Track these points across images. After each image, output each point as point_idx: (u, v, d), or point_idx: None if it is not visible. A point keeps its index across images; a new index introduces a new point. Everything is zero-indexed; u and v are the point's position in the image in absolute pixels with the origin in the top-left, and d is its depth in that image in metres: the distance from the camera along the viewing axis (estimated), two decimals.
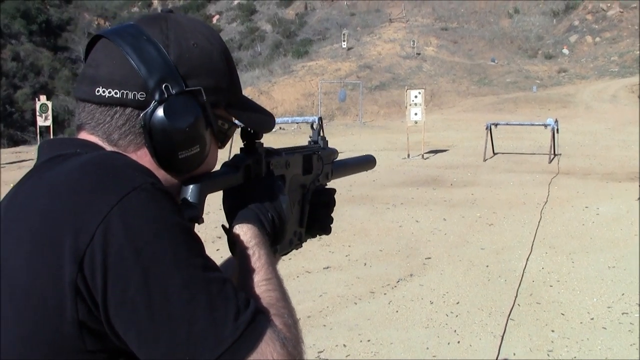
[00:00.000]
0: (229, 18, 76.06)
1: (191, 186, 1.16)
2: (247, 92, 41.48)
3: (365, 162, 1.92)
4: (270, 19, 69.23)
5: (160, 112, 1.09)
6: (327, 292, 7.16)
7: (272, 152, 1.38)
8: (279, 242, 1.31)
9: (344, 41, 47.30)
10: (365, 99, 37.14)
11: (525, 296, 6.72)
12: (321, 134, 1.65)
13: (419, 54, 45.32)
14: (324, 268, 8.11)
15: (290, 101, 40.72)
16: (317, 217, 1.55)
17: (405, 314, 6.37)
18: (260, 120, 1.30)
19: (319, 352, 5.54)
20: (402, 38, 48.14)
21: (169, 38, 1.14)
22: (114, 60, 1.12)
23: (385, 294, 7.04)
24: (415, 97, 18.27)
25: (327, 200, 1.56)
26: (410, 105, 18.35)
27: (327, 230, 1.59)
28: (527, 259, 8.03)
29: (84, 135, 1.16)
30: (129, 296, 0.93)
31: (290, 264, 8.26)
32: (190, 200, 1.16)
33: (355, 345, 5.65)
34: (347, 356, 5.45)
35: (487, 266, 7.79)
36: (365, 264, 8.20)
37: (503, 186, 13.27)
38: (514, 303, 6.50)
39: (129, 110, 1.12)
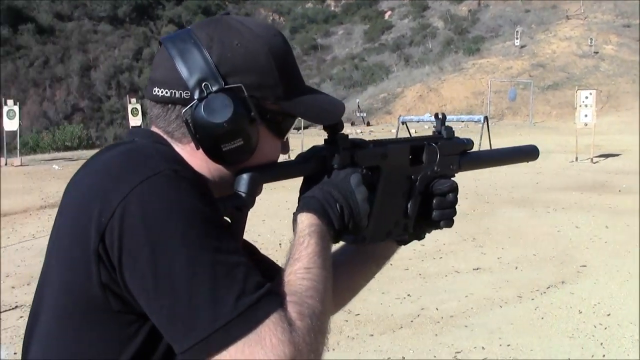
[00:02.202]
0: (401, 14, 76.01)
1: (241, 175, 1.23)
2: (416, 89, 41.34)
3: (520, 154, 1.87)
4: (442, 15, 68.55)
5: (200, 108, 1.18)
6: (474, 293, 7.07)
7: (357, 144, 1.39)
8: (356, 232, 1.33)
9: (517, 38, 45.98)
10: (536, 99, 36.10)
11: None
12: (445, 124, 1.62)
13: (596, 52, 43.37)
14: (473, 269, 8.01)
15: (460, 99, 40.20)
16: (434, 208, 1.54)
17: (551, 322, 6.18)
18: (316, 112, 1.34)
19: (456, 352, 5.48)
20: (579, 36, 46.14)
21: (213, 40, 1.24)
22: (166, 63, 1.24)
23: (532, 299, 6.85)
24: (586, 98, 17.60)
25: (444, 191, 1.53)
26: (580, 106, 17.69)
27: (448, 223, 1.55)
28: None
29: (153, 127, 1.30)
30: (138, 268, 1.05)
31: (440, 263, 8.23)
32: (239, 189, 1.22)
33: (494, 349, 5.55)
34: (484, 359, 5.35)
35: None
36: (516, 268, 8.02)
37: None
38: None
39: (178, 107, 1.24)
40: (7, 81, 66.75)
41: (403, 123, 22.27)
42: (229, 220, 1.23)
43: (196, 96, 1.20)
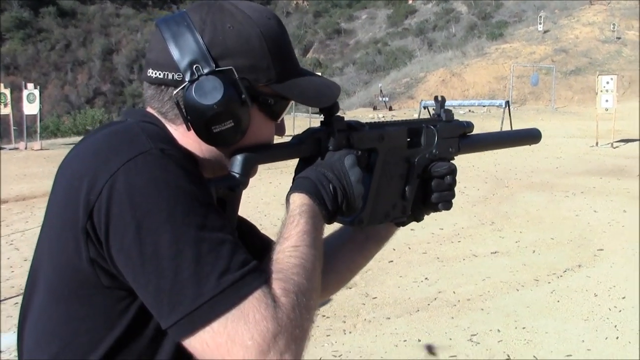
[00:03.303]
0: None
1: (236, 156, 1.26)
2: (439, 73, 41.17)
3: (521, 137, 1.87)
4: (466, 0, 68.19)
5: (191, 90, 1.20)
6: (491, 276, 7.11)
7: (352, 127, 1.40)
8: (350, 213, 1.34)
9: (540, 24, 45.70)
10: (559, 84, 35.88)
11: None
12: (445, 107, 1.62)
13: (619, 38, 42.94)
14: (491, 253, 8.05)
15: (482, 84, 40.01)
16: (432, 190, 1.54)
17: (566, 305, 6.22)
18: (309, 94, 1.35)
19: (472, 335, 5.54)
20: (601, 21, 45.67)
21: (205, 23, 1.25)
22: (160, 45, 1.26)
23: (549, 282, 6.89)
24: (607, 83, 17.53)
25: (442, 173, 1.53)
26: (601, 91, 17.61)
27: (446, 205, 1.56)
28: None
29: (148, 108, 1.33)
30: (125, 245, 1.06)
31: (458, 247, 8.27)
32: (233, 170, 1.25)
33: (509, 332, 5.60)
34: (499, 342, 5.40)
35: None
36: (534, 252, 8.05)
37: None
38: None
39: (171, 88, 1.25)
40: (28, 65, 67.20)
41: (425, 108, 22.18)
42: (224, 201, 1.23)
43: (187, 78, 1.21)
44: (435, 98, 1.64)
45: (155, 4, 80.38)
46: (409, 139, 1.52)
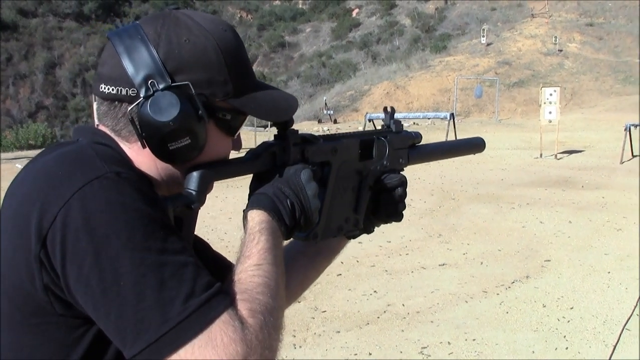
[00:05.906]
0: (368, 12, 76.27)
1: (192, 173, 1.22)
2: (383, 86, 41.40)
3: (467, 146, 1.88)
4: (409, 13, 68.89)
5: (146, 107, 1.16)
6: (440, 289, 7.12)
7: (307, 140, 1.39)
8: (307, 228, 1.32)
9: (483, 36, 46.25)
10: (502, 96, 36.34)
11: None
12: (394, 118, 1.62)
13: (560, 50, 43.76)
14: (439, 265, 8.06)
15: (427, 96, 40.33)
16: (383, 202, 1.54)
17: (515, 316, 6.25)
18: (267, 109, 1.32)
19: (422, 348, 5.52)
20: (543, 34, 46.46)
21: (160, 36, 1.21)
22: (113, 59, 1.22)
23: (498, 294, 6.92)
24: (550, 95, 17.79)
25: (393, 185, 1.54)
26: (544, 103, 17.87)
27: (397, 217, 1.56)
28: None
29: (100, 125, 1.28)
30: (83, 274, 1.02)
31: (406, 260, 8.27)
32: (189, 187, 1.21)
33: (459, 344, 5.60)
34: (449, 354, 5.40)
35: (609, 272, 7.50)
36: (481, 263, 8.09)
37: (638, 190, 12.66)
38: (632, 312, 6.22)
39: (125, 104, 1.21)
40: None
41: (370, 120, 22.27)
42: (180, 219, 1.21)
43: (142, 94, 1.17)
44: (385, 109, 1.64)
45: (99, 17, 79.48)
46: (360, 151, 1.51)
